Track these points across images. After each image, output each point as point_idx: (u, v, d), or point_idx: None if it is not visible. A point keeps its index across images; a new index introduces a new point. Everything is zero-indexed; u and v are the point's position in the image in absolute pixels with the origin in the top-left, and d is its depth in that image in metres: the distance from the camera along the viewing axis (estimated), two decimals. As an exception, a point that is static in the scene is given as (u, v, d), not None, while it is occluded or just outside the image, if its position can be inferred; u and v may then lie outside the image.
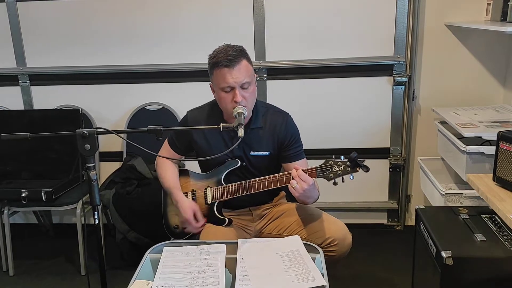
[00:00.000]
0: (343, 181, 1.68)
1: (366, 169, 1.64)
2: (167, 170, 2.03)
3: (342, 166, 1.68)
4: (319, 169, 1.71)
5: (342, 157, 1.69)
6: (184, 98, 2.94)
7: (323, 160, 1.73)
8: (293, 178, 1.70)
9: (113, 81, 3.00)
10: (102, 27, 2.91)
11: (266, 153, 1.93)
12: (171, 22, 2.86)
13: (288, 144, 1.93)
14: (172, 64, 2.92)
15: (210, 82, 1.87)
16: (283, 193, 2.11)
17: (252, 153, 1.93)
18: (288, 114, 1.98)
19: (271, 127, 1.92)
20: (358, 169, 1.66)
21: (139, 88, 3.00)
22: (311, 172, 1.71)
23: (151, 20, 2.87)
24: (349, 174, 1.68)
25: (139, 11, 2.86)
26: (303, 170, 1.70)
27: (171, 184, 1.99)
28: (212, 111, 1.96)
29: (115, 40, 2.93)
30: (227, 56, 1.75)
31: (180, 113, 2.94)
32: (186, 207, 1.90)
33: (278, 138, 1.92)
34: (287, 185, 1.75)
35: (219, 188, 1.92)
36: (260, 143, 1.92)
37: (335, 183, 1.69)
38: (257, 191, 1.84)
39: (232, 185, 1.89)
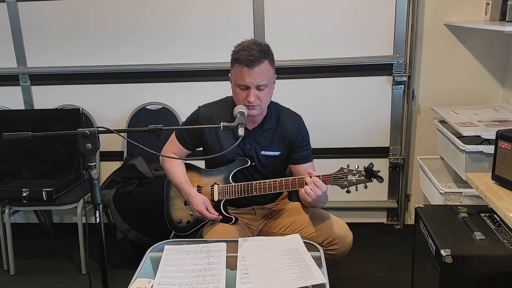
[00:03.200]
0: (356, 190, 1.70)
1: (381, 179, 1.66)
2: (174, 165, 2.00)
3: (357, 176, 1.69)
4: (333, 176, 1.72)
5: (357, 166, 1.70)
6: (185, 98, 2.95)
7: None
8: (307, 184, 1.71)
9: (113, 80, 3.01)
10: (102, 27, 2.92)
11: (277, 153, 1.94)
12: (172, 22, 2.87)
13: (298, 146, 1.94)
14: (172, 64, 2.92)
15: (230, 73, 1.87)
16: (285, 192, 2.11)
17: (263, 152, 1.93)
18: (300, 116, 1.99)
19: (283, 128, 1.93)
20: (372, 179, 1.67)
21: (139, 87, 3.00)
22: (325, 179, 1.73)
23: (151, 20, 2.88)
24: (363, 184, 1.69)
25: (140, 11, 2.87)
26: (317, 176, 1.71)
27: (181, 179, 1.97)
28: (225, 108, 1.94)
29: (115, 40, 2.93)
30: (249, 56, 1.74)
31: (180, 113, 2.95)
32: (197, 200, 1.90)
33: (289, 139, 1.93)
34: (298, 189, 1.76)
35: (227, 186, 1.92)
36: (272, 144, 1.93)
37: (348, 191, 1.71)
38: (267, 192, 1.84)
39: (241, 185, 1.88)
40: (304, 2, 2.77)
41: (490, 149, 2.09)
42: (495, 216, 1.92)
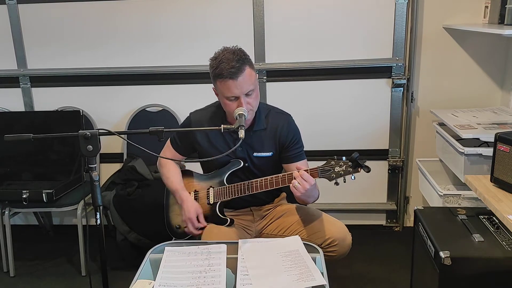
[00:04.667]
0: (344, 181, 1.70)
1: (368, 169, 1.66)
2: (170, 170, 2.05)
3: (344, 167, 1.69)
4: (321, 169, 1.73)
5: (344, 158, 1.70)
6: (185, 100, 2.96)
7: (324, 161, 1.74)
8: (295, 178, 1.72)
9: (113, 82, 3.02)
10: (102, 29, 2.93)
11: (269, 154, 1.95)
12: (172, 24, 2.88)
13: (289, 145, 1.94)
14: (173, 66, 2.93)
15: (213, 86, 1.88)
16: (284, 194, 2.12)
17: (255, 154, 1.94)
18: (290, 115, 2.00)
19: (273, 128, 1.94)
20: (359, 169, 1.67)
21: (140, 89, 3.01)
22: (313, 172, 1.73)
23: (151, 23, 2.89)
24: (351, 175, 1.69)
25: (139, 13, 2.88)
26: (305, 170, 1.72)
27: (176, 185, 2.00)
28: (215, 113, 1.97)
29: (115, 42, 2.94)
30: (230, 68, 1.74)
31: (180, 115, 2.95)
32: (190, 207, 1.92)
33: (280, 139, 1.94)
34: (289, 185, 1.77)
35: (221, 189, 1.94)
36: (263, 145, 1.94)
37: (336, 183, 1.71)
38: (259, 191, 1.85)
39: (234, 186, 1.90)
40: (304, 5, 2.78)
41: (489, 151, 2.10)
42: (494, 218, 1.93)
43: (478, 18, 2.70)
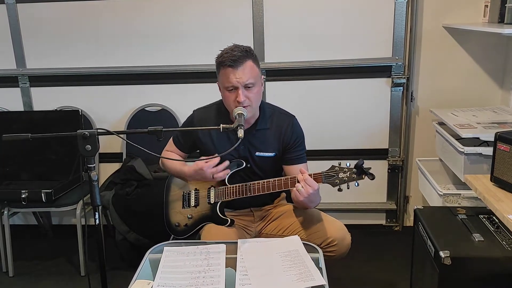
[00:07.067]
0: (348, 188, 1.69)
1: (372, 177, 1.65)
2: (173, 163, 2.04)
3: (348, 173, 1.69)
4: (325, 174, 1.72)
5: (348, 164, 1.70)
6: (184, 99, 2.95)
7: (326, 164, 1.74)
8: (298, 182, 1.71)
9: (112, 82, 3.01)
10: (101, 29, 2.92)
11: (272, 154, 1.94)
12: (171, 24, 2.87)
13: (292, 146, 1.94)
14: (172, 65, 2.92)
15: (218, 81, 1.89)
16: (283, 194, 2.12)
17: (257, 154, 1.94)
18: (294, 116, 2.00)
19: (277, 128, 1.94)
20: (364, 176, 1.67)
21: (139, 89, 3.01)
22: (317, 177, 1.73)
23: (150, 22, 2.88)
24: (355, 181, 1.69)
25: (139, 12, 2.87)
26: (309, 175, 1.71)
27: (180, 168, 1.99)
28: (219, 111, 1.97)
29: (114, 41, 2.94)
30: (232, 56, 1.77)
31: (180, 114, 2.95)
32: (192, 168, 1.89)
33: (284, 139, 1.94)
34: (290, 188, 1.76)
35: (222, 188, 1.93)
36: (266, 144, 1.94)
37: (340, 189, 1.71)
38: (261, 193, 1.85)
39: (235, 186, 1.89)
40: (303, 5, 2.77)
41: (488, 151, 2.09)
42: (494, 217, 1.93)
43: (478, 17, 2.69)
